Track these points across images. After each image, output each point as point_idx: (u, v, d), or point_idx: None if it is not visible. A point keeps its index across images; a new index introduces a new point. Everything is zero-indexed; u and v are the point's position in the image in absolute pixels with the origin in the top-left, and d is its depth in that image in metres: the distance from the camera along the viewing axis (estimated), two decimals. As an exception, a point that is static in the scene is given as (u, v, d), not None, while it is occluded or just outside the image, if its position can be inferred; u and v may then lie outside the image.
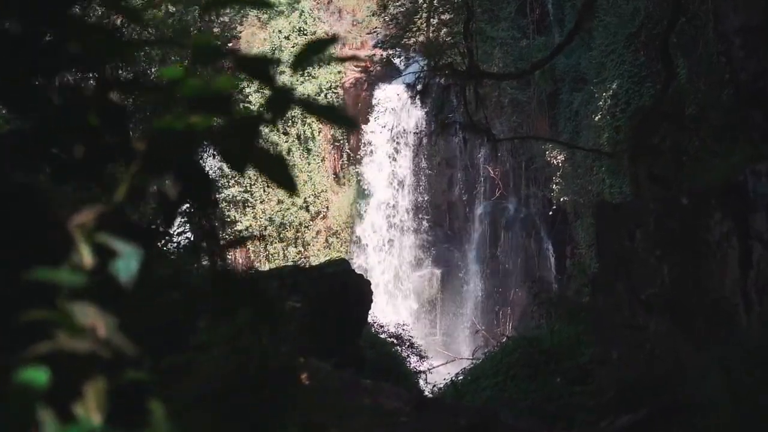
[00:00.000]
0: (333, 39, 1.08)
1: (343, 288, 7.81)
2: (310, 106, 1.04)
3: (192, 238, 14.84)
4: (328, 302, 7.49)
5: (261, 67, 1.05)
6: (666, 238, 4.22)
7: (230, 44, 25.54)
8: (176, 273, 5.96)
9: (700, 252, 3.88)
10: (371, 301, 8.48)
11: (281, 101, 1.04)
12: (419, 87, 8.43)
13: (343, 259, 8.53)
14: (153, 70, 11.40)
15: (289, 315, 6.61)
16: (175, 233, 14.35)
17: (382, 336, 13.31)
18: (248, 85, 23.14)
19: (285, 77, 26.23)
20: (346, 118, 1.06)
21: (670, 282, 4.22)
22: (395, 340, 13.60)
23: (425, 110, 20.88)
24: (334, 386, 3.34)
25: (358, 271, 25.29)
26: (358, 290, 8.10)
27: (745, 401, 3.05)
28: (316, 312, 7.31)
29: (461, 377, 7.07)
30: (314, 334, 7.43)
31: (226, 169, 25.47)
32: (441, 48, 8.86)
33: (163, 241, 8.17)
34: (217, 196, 23.77)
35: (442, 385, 9.72)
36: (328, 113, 1.05)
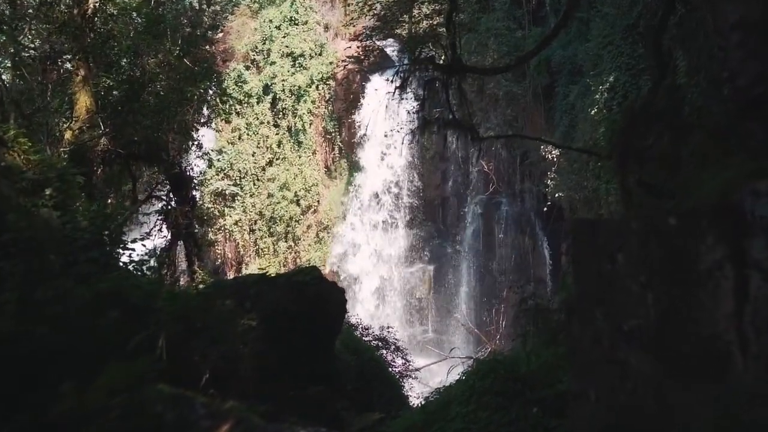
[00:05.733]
0: None
1: (314, 298, 7.29)
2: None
3: (168, 239, 14.24)
4: (296, 314, 6.99)
5: None
6: (651, 263, 3.67)
7: (220, 33, 24.95)
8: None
9: (689, 281, 3.31)
10: (345, 311, 7.98)
11: None
12: (397, 82, 7.90)
13: (314, 267, 8.00)
14: (124, 62, 10.86)
15: (242, 335, 6.12)
16: (155, 230, 13.75)
17: (367, 339, 12.87)
18: (231, 92, 22.56)
19: (276, 68, 25.64)
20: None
21: (655, 313, 3.67)
22: (380, 344, 13.17)
23: (417, 103, 20.36)
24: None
25: (348, 270, 24.75)
26: (330, 299, 7.59)
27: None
28: (282, 325, 6.82)
29: (433, 397, 6.60)
30: (280, 350, 6.95)
31: (215, 163, 24.89)
32: (422, 40, 8.33)
33: (118, 251, 7.59)
34: (205, 189, 23.24)
35: (427, 390, 9.26)
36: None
